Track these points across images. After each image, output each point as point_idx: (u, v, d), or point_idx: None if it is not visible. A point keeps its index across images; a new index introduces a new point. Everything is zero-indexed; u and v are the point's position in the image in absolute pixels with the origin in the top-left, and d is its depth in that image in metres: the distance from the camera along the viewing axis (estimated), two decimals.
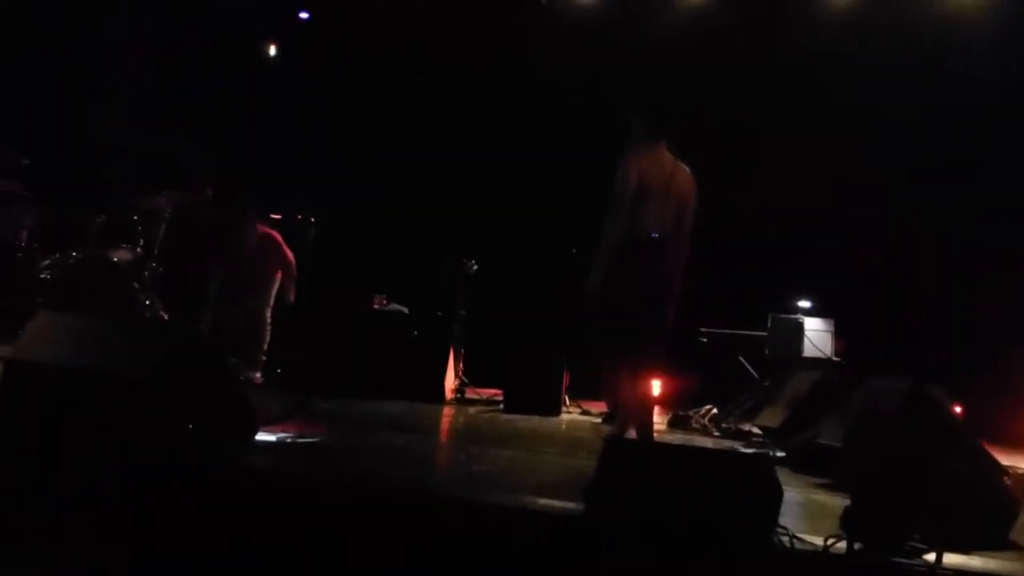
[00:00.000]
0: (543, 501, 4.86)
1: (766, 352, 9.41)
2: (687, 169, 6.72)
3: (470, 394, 9.94)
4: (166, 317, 8.93)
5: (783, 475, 4.58)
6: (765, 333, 9.41)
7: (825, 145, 9.91)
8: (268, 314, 9.18)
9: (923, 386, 6.11)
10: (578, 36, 11.08)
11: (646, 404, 6.80)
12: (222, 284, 9.04)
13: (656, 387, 9.91)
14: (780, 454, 7.43)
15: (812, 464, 6.83)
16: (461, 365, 9.95)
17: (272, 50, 12.41)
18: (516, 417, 8.88)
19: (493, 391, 9.87)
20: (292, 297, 9.31)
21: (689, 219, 6.68)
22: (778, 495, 4.46)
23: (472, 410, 9.25)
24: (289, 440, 6.12)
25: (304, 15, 12.26)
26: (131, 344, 5.28)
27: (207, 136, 10.34)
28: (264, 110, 11.10)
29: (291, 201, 9.70)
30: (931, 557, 4.43)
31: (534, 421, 8.74)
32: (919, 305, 9.55)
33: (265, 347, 9.12)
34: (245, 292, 9.10)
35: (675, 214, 6.56)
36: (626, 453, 4.63)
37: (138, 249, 9.23)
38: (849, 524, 4.59)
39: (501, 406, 9.33)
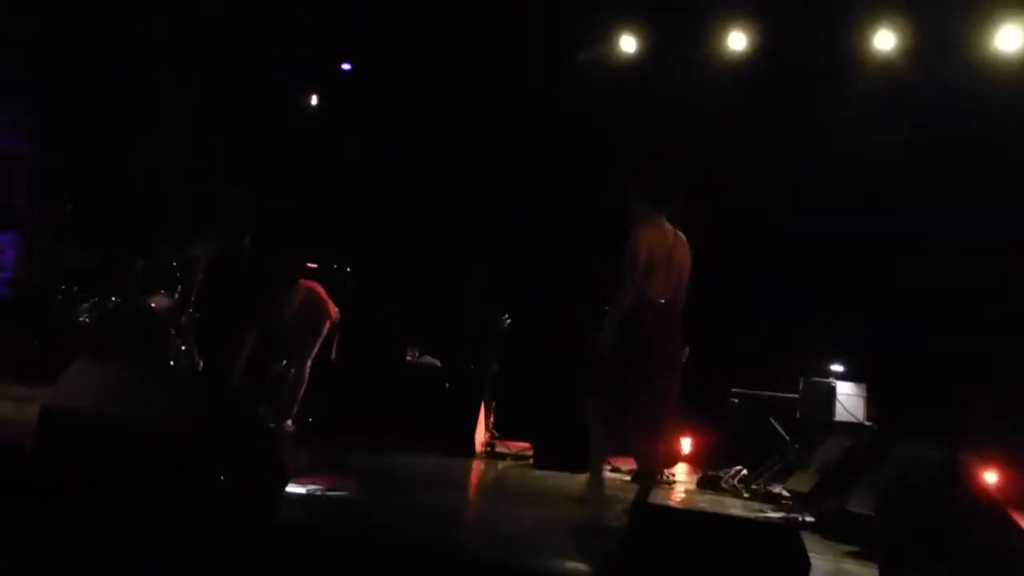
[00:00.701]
0: (569, 566, 4.86)
1: (797, 415, 9.35)
2: (685, 240, 6.98)
3: (500, 448, 9.92)
4: (202, 365, 9.01)
5: (811, 541, 4.59)
6: (797, 395, 9.37)
7: (860, 207, 9.90)
8: (308, 366, 9.22)
9: (954, 455, 6.10)
10: (613, 93, 11.13)
11: (656, 465, 7.06)
12: (261, 338, 9.08)
13: (686, 445, 10.03)
14: (809, 519, 7.38)
15: (841, 531, 6.78)
16: (492, 418, 9.96)
17: (314, 99, 12.55)
18: (546, 474, 8.88)
19: (523, 445, 9.86)
20: (334, 354, 9.34)
21: (685, 288, 6.94)
22: (805, 566, 4.45)
23: (502, 465, 9.25)
24: (319, 493, 6.14)
25: (346, 66, 12.39)
26: (166, 394, 5.36)
27: (247, 185, 10.46)
28: (302, 159, 11.23)
29: (326, 250, 9.77)
30: None
31: (563, 478, 8.70)
32: (955, 368, 9.47)
33: (299, 397, 9.17)
34: (284, 346, 9.16)
35: (675, 283, 6.83)
36: (654, 520, 4.62)
37: (176, 296, 9.33)
38: None
39: (531, 461, 9.31)
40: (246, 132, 11.17)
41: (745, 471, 9.27)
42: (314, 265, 9.77)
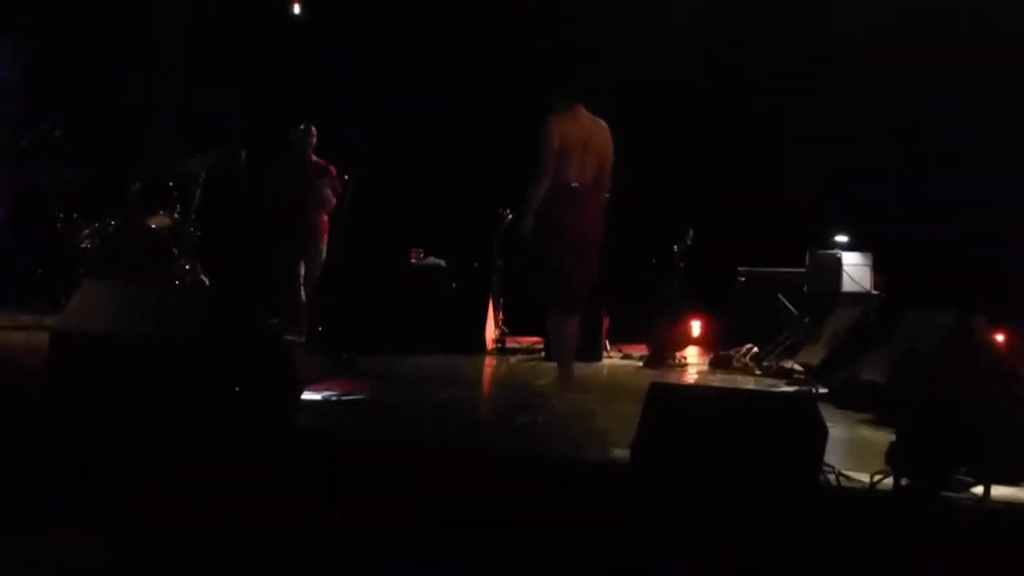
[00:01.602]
0: (589, 453, 4.88)
1: (805, 289, 9.37)
2: (605, 126, 7.14)
3: (511, 343, 9.96)
4: (207, 281, 8.99)
5: (825, 411, 4.57)
6: (804, 270, 9.37)
7: (856, 74, 9.78)
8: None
9: (965, 319, 6.10)
10: None
11: (571, 345, 7.28)
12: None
13: (696, 328, 10.06)
14: (822, 391, 7.41)
15: (855, 400, 6.82)
16: (501, 315, 9.96)
17: (296, 8, 12.31)
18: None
19: (534, 339, 9.88)
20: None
21: (608, 171, 7.14)
22: (823, 434, 4.45)
23: (513, 360, 9.29)
24: (335, 399, 6.15)
25: None
26: (173, 310, 5.39)
27: (242, 95, 10.34)
28: (297, 68, 11.06)
29: (325, 158, 9.68)
30: (979, 491, 4.43)
31: (576, 367, 8.67)
32: (959, 232, 9.43)
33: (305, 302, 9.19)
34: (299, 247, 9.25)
35: (595, 169, 7.03)
36: (670, 399, 4.61)
37: (175, 215, 9.28)
38: (895, 460, 4.58)
39: (542, 354, 9.31)
40: (238, 42, 10.99)
41: (756, 349, 9.32)
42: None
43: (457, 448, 4.85)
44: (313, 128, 9.46)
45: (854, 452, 5.49)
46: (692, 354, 9.98)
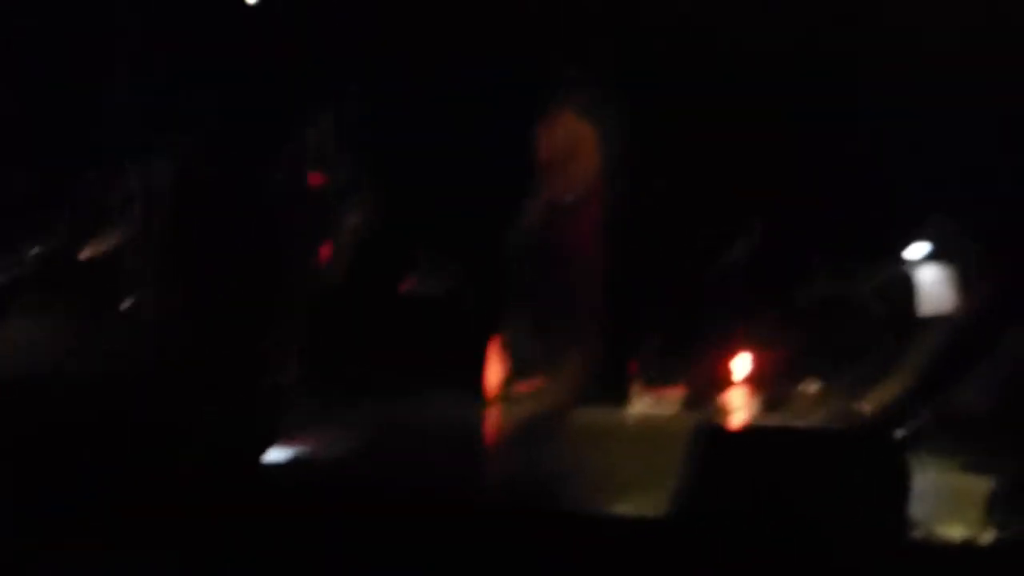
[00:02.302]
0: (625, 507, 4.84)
1: (878, 310, 9.26)
2: (594, 132, 7.58)
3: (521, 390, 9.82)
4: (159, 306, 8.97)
5: (911, 455, 4.50)
6: (876, 287, 9.27)
7: None
8: None
9: None
10: None
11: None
12: None
13: (746, 363, 9.96)
14: (903, 433, 7.31)
15: (947, 440, 6.74)
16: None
17: None
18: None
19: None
20: None
21: (599, 179, 7.61)
22: (906, 480, 4.39)
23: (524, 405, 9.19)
24: (312, 451, 6.14)
25: None
26: (119, 341, 5.43)
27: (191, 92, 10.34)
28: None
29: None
30: None
31: (599, 413, 8.57)
32: None
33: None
34: None
35: (584, 178, 7.50)
36: (721, 441, 4.56)
37: (119, 232, 9.25)
38: (999, 509, 4.51)
39: None
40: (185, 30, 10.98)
41: (819, 385, 9.22)
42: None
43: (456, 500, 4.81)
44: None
45: (945, 503, 5.40)
46: (739, 395, 9.86)
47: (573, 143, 7.49)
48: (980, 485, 5.41)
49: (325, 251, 9.31)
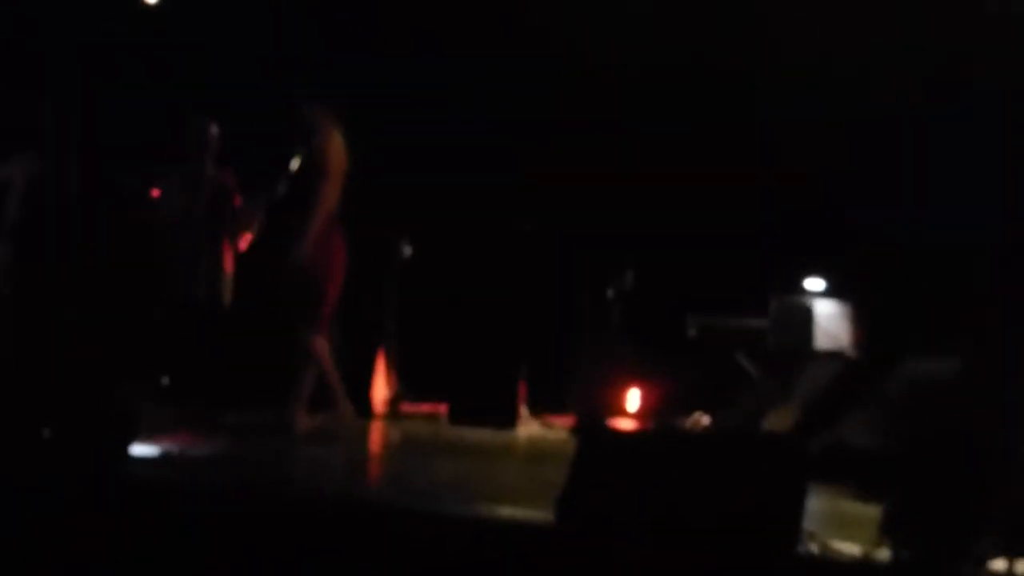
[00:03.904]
0: (504, 511, 4.62)
1: (768, 345, 9.19)
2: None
3: (407, 409, 9.65)
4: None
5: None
6: (766, 322, 9.20)
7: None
8: None
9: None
10: None
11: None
12: None
13: (634, 398, 9.86)
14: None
15: (835, 472, 6.63)
16: (395, 373, 9.65)
17: None
18: (463, 430, 8.72)
19: (435, 407, 9.61)
20: None
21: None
22: (802, 488, 4.24)
23: (408, 423, 9.01)
24: (177, 452, 5.92)
25: None
26: None
27: (70, 92, 9.99)
28: (139, 60, 10.73)
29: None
30: (1000, 566, 4.27)
31: (486, 434, 8.55)
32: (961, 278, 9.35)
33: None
34: None
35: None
36: (609, 443, 4.37)
37: None
38: (894, 527, 4.39)
39: (445, 419, 9.13)
40: (70, 28, 10.65)
41: (707, 418, 9.13)
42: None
43: (330, 499, 4.57)
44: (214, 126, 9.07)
45: (839, 523, 5.33)
46: (629, 426, 9.76)
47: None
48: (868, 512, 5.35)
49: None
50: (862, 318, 8.96)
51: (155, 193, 9.20)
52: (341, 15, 10.65)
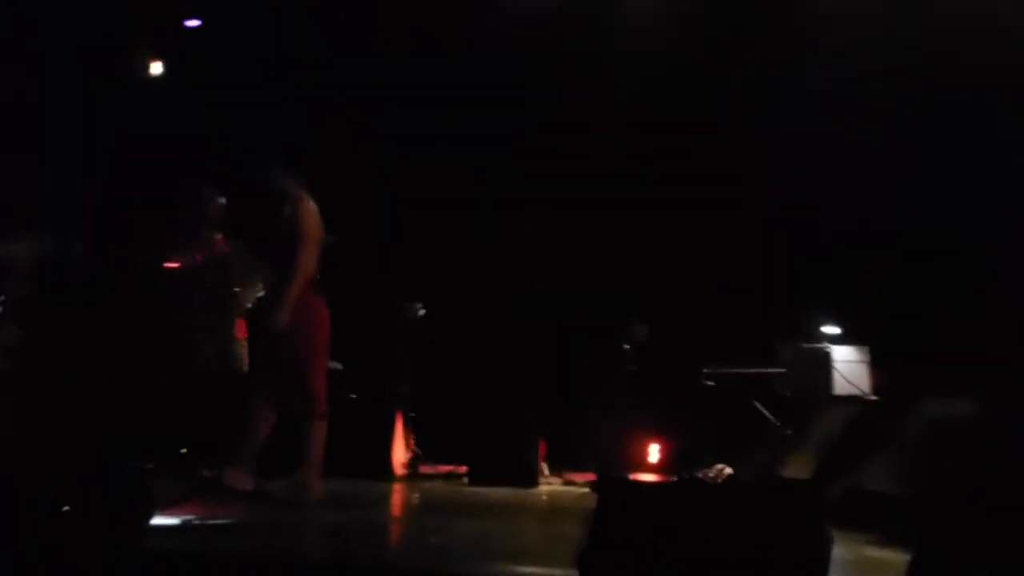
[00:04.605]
0: (524, 569, 4.58)
1: (787, 393, 9.14)
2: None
3: (426, 471, 9.62)
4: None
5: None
6: (783, 369, 9.16)
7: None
8: None
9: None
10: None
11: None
12: None
13: (653, 450, 9.82)
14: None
15: (856, 517, 6.60)
16: (412, 434, 9.63)
17: (157, 67, 12.05)
18: (484, 490, 8.67)
19: (453, 467, 9.58)
20: None
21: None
22: (826, 542, 4.19)
23: (428, 485, 8.98)
24: (196, 521, 5.93)
25: (193, 23, 11.94)
26: None
27: (78, 170, 10.03)
28: (147, 136, 10.79)
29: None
30: None
31: (506, 493, 8.51)
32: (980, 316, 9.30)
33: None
34: None
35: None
36: (629, 496, 4.33)
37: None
38: (919, 574, 4.33)
39: (464, 479, 9.09)
40: (74, 106, 10.70)
41: (729, 469, 9.07)
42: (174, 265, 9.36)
43: (350, 564, 4.53)
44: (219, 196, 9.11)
45: (862, 572, 5.29)
46: (649, 478, 9.71)
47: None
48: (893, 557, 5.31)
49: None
50: (879, 362, 8.94)
51: (167, 264, 9.27)
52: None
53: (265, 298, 8.23)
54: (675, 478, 9.23)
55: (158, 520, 5.56)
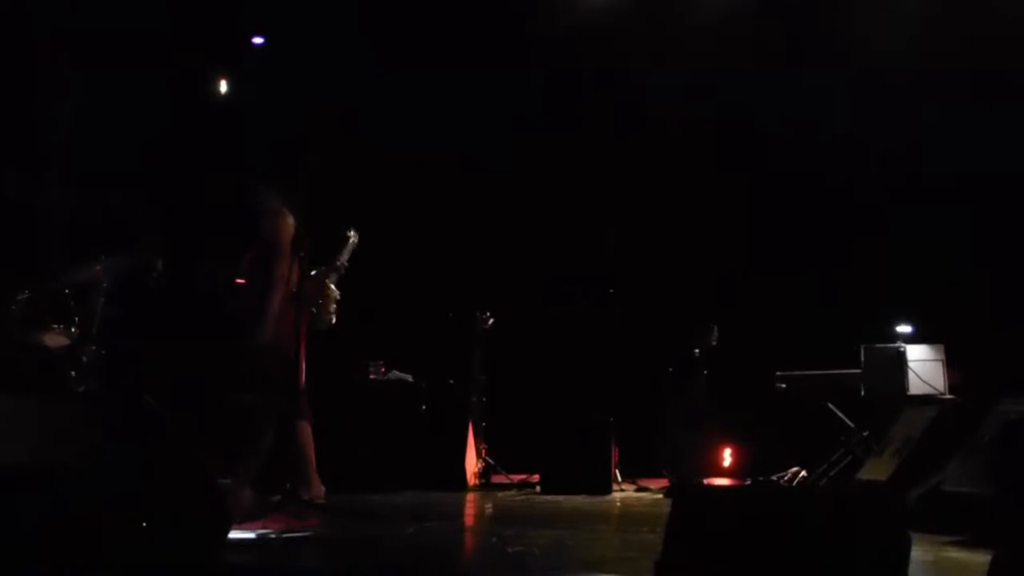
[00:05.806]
0: None
1: (861, 393, 9.06)
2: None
3: (498, 480, 9.64)
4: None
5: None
6: (858, 370, 9.08)
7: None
8: None
9: None
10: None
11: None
12: None
13: (726, 456, 9.76)
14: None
15: (938, 519, 6.50)
16: (484, 444, 9.66)
17: (223, 86, 12.15)
18: (558, 498, 8.66)
19: (526, 476, 9.59)
20: None
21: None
22: (905, 544, 4.13)
23: (501, 494, 8.98)
24: (273, 536, 5.96)
25: (258, 40, 12.02)
26: (62, 429, 5.18)
27: (153, 192, 10.15)
28: (215, 158, 10.87)
29: None
30: None
31: (580, 501, 8.50)
32: None
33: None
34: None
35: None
36: (705, 501, 4.29)
37: (72, 329, 8.96)
38: None
39: (537, 488, 9.11)
40: (145, 127, 10.80)
41: (804, 472, 9.01)
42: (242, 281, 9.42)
43: None
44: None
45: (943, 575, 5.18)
46: (724, 483, 9.65)
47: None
48: (976, 559, 5.23)
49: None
50: (954, 360, 8.85)
51: (239, 281, 9.32)
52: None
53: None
54: (749, 482, 9.18)
55: (237, 534, 5.63)
